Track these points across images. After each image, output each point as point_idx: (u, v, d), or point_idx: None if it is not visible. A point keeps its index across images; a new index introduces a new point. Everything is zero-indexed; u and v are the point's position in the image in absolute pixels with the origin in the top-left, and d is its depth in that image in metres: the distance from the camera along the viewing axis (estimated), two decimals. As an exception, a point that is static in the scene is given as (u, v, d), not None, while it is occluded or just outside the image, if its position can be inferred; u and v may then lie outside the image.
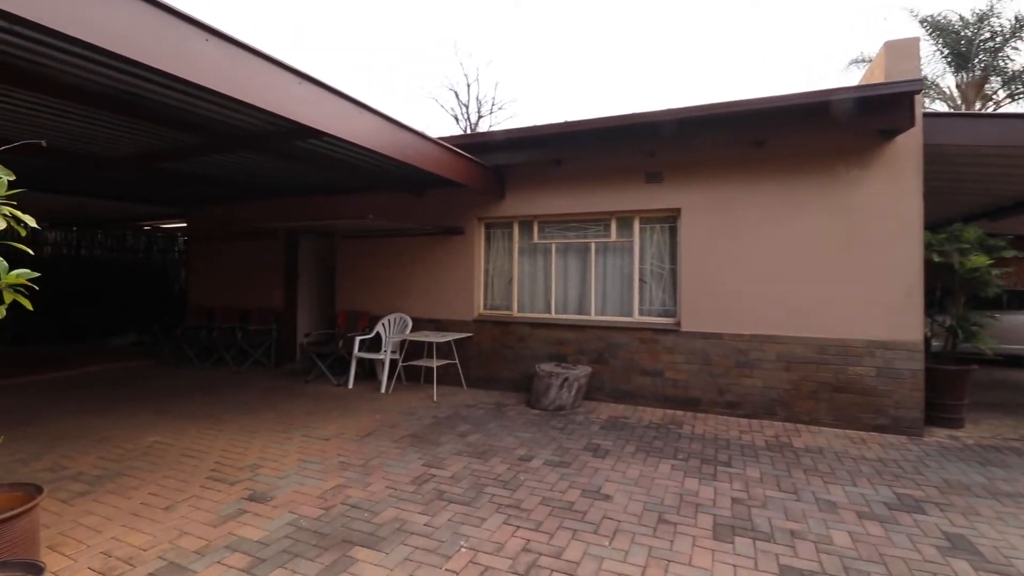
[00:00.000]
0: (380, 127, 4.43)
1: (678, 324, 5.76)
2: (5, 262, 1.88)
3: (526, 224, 6.72)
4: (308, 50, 39.06)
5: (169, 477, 3.67)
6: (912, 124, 4.64)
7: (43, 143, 2.49)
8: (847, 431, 4.93)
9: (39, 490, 2.31)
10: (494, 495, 3.40)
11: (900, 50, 4.99)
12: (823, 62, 34.65)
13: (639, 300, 6.06)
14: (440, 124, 29.47)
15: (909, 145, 4.87)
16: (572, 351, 6.23)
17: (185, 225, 10.85)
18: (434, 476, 3.72)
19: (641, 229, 6.08)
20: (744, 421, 5.29)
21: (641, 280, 6.06)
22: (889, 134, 4.88)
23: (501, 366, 6.61)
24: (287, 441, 4.49)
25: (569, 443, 4.49)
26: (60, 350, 10.05)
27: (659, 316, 5.99)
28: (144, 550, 2.67)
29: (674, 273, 5.93)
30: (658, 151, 5.73)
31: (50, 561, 2.53)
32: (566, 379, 5.59)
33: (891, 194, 4.94)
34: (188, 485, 3.53)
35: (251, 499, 3.31)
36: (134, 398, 6.05)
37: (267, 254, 8.74)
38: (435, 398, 6.07)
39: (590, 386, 5.99)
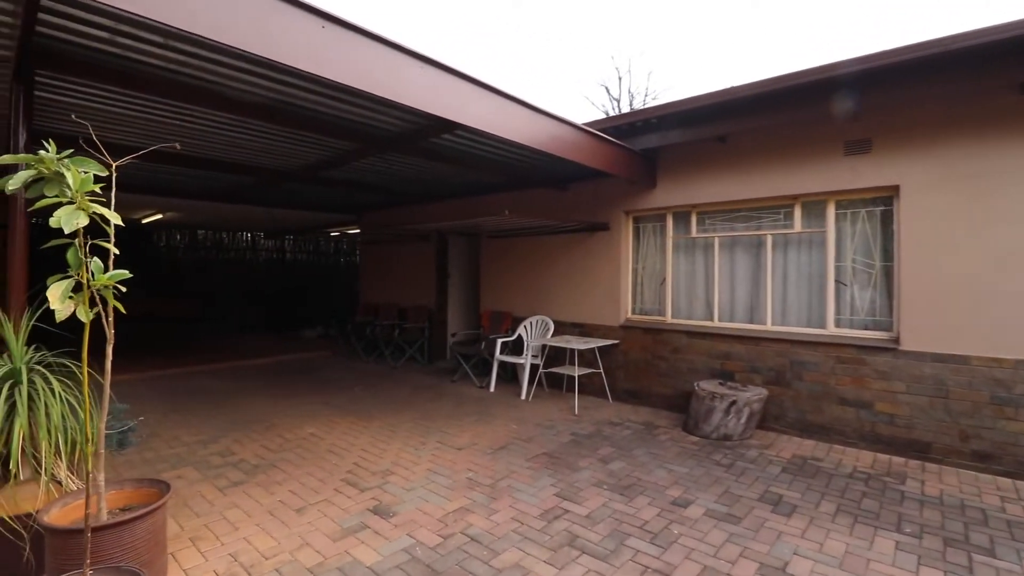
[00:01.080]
0: (526, 119, 4.05)
1: (896, 340, 4.34)
2: (100, 262, 1.87)
3: (682, 216, 5.80)
4: (449, 45, 41.58)
5: (311, 474, 3.75)
6: None
7: (176, 146, 2.57)
8: None
9: (166, 488, 2.35)
10: (638, 551, 2.74)
11: None
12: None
13: (835, 308, 4.75)
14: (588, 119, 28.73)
15: None
16: (740, 368, 5.16)
17: (359, 231, 12.06)
18: (567, 512, 3.19)
19: (838, 216, 4.76)
20: (1006, 482, 3.73)
21: (839, 282, 4.74)
22: None
23: (652, 379, 5.81)
24: (422, 447, 4.38)
25: (739, 487, 3.58)
26: (266, 339, 11.87)
27: (865, 329, 4.61)
28: (266, 558, 2.63)
29: (888, 273, 4.50)
30: (864, 111, 4.38)
31: (183, 558, 2.62)
32: (734, 402, 4.60)
33: None
34: (324, 486, 3.55)
35: (375, 511, 3.16)
36: (307, 388, 6.67)
37: (421, 255, 9.14)
38: (576, 411, 5.54)
39: (765, 413, 4.88)
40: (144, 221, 10.95)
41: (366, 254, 10.80)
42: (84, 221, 1.76)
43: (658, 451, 4.31)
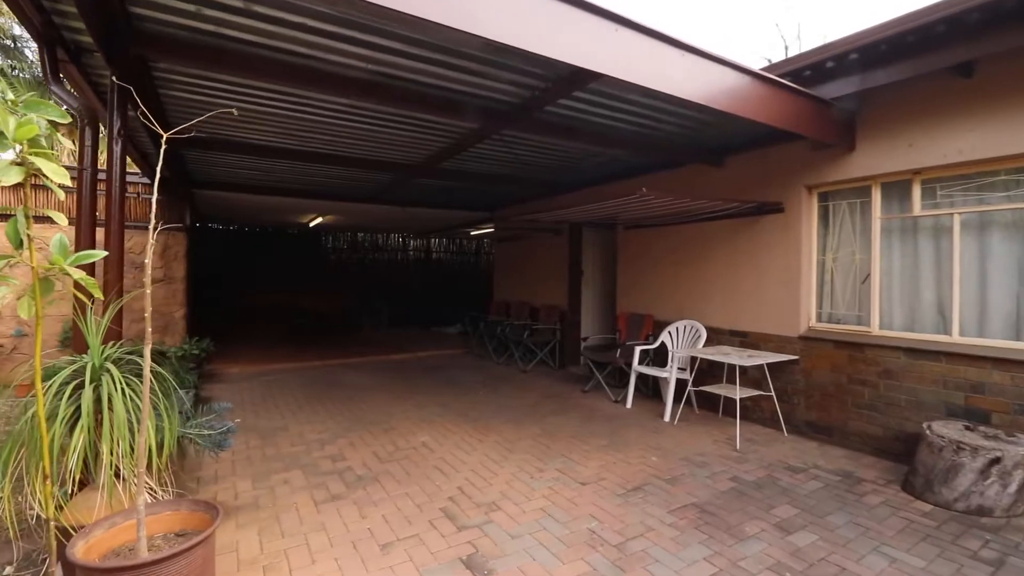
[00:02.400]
0: (684, 64, 3.12)
1: None
2: (65, 239, 1.48)
3: (897, 187, 4.22)
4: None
5: (410, 496, 3.29)
6: None
7: (233, 111, 2.23)
8: None
9: (216, 514, 1.98)
10: None
11: None
12: None
13: None
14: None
15: None
16: (1001, 407, 3.50)
17: (492, 228, 11.92)
18: (727, 609, 2.20)
19: None
20: None
21: None
22: None
23: (847, 411, 4.33)
24: (538, 474, 3.68)
25: (1028, 611, 2.20)
26: (411, 335, 12.36)
27: None
28: (330, 614, 2.16)
29: None
30: None
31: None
32: (997, 459, 3.06)
33: None
34: (420, 514, 3.05)
35: (468, 564, 2.53)
36: (434, 387, 6.48)
37: (553, 251, 8.49)
38: (737, 444, 4.35)
39: (1053, 478, 3.19)
40: (311, 224, 12.11)
41: (499, 251, 10.53)
42: (16, 178, 1.38)
43: (867, 521, 3.01)
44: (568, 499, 3.28)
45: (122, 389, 2.21)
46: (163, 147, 1.98)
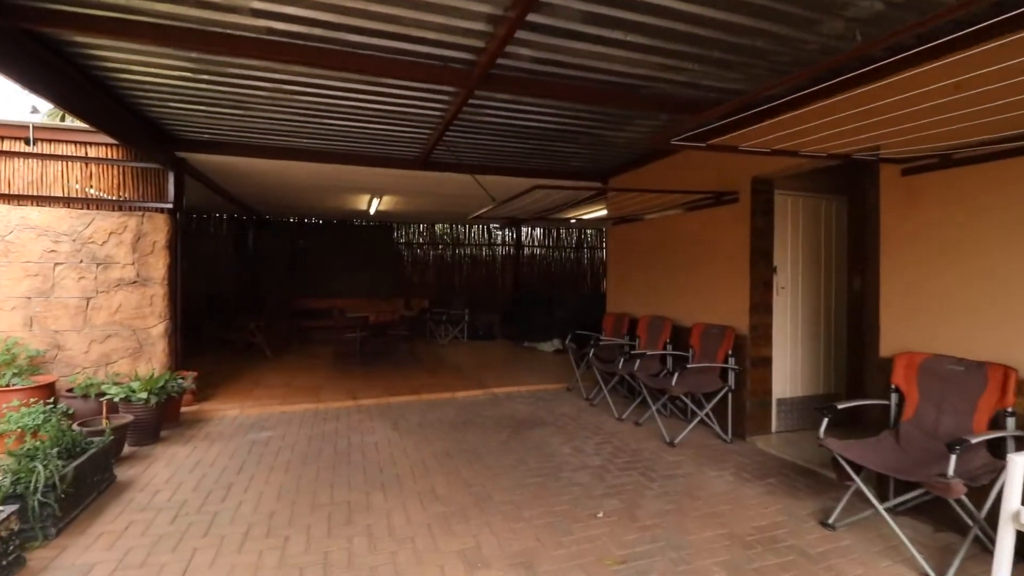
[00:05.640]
0: None
1: None
2: None
3: None
4: None
5: None
6: None
7: None
8: None
9: None
10: None
11: None
12: None
13: None
14: None
15: None
16: None
17: (605, 212, 8.59)
18: None
19: None
20: None
21: None
22: None
23: None
24: None
25: None
26: (495, 352, 9.47)
27: None
28: None
29: None
30: None
31: None
32: None
33: None
34: None
35: None
36: (508, 482, 3.40)
37: (715, 232, 5.01)
38: None
39: None
40: (370, 211, 9.67)
41: (616, 238, 7.17)
42: None
43: None
44: None
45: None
46: None
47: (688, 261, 5.38)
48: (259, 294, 10.45)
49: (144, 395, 4.25)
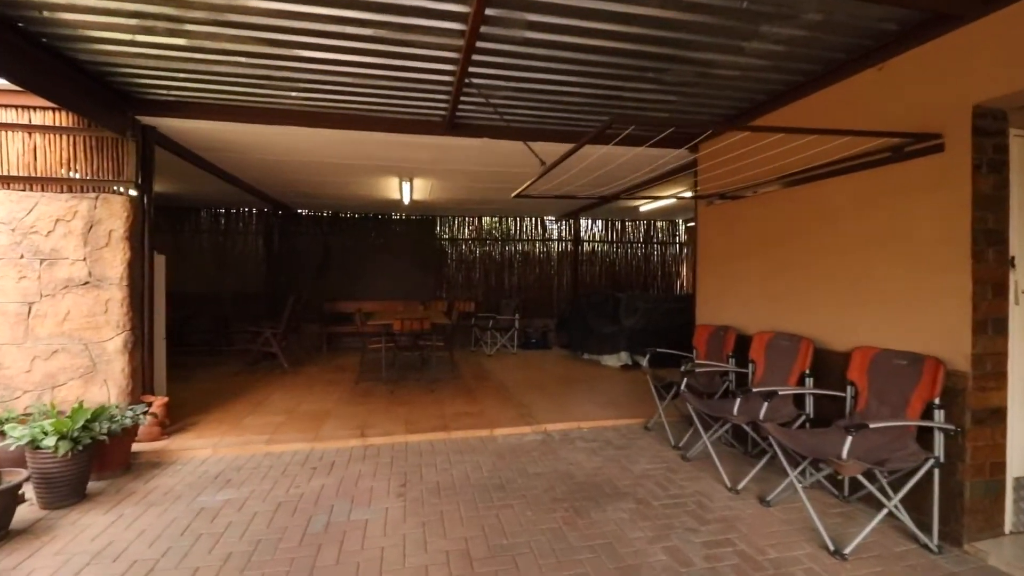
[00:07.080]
0: None
1: None
2: None
3: None
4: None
5: None
6: None
7: None
8: None
9: None
10: None
11: None
12: None
13: None
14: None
15: None
16: None
17: (689, 193, 6.76)
18: None
19: None
20: None
21: None
22: None
23: None
24: None
25: None
26: (549, 368, 7.89)
27: None
28: None
29: None
30: None
31: None
32: None
33: None
34: None
35: None
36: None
37: (881, 206, 3.16)
38: None
39: None
40: (403, 199, 8.34)
41: (710, 227, 5.33)
42: None
43: None
44: None
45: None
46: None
47: (843, 252, 3.54)
48: (285, 296, 9.43)
49: (51, 442, 3.02)
